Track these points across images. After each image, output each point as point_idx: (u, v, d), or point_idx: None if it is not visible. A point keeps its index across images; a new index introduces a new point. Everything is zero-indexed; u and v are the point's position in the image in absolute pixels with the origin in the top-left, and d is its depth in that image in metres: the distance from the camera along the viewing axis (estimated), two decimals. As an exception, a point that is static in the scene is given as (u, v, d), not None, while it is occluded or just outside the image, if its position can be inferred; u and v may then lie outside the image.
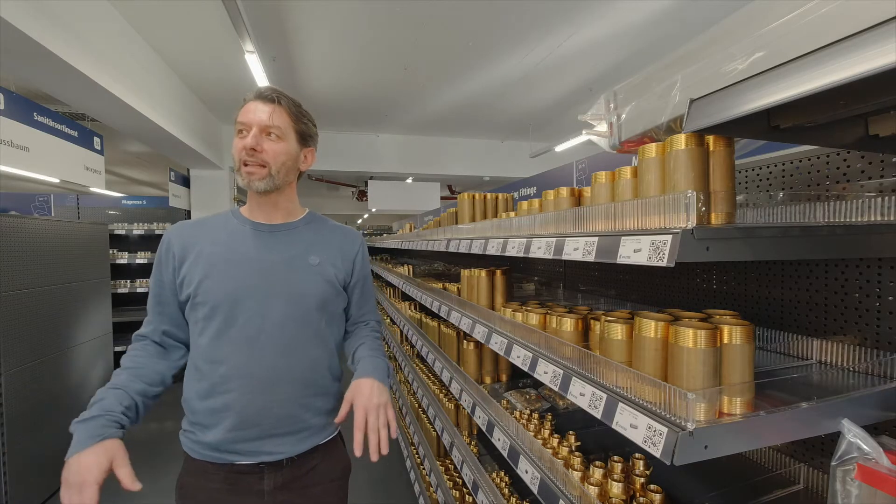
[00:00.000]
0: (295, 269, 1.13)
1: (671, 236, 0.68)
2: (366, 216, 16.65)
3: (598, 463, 1.14)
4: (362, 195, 10.24)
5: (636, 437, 0.75)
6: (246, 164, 1.07)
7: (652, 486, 1.06)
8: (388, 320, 4.23)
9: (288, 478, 1.11)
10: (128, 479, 0.88)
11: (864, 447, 0.71)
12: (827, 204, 0.90)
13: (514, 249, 1.23)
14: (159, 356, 1.12)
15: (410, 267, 3.40)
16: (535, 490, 1.16)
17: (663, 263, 0.68)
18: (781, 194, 1.02)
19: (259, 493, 1.08)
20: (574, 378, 0.99)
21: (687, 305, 1.37)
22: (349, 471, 1.26)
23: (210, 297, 1.07)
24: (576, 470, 1.14)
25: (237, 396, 1.06)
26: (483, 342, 1.53)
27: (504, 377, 1.95)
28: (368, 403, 1.02)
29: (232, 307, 1.07)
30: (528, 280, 2.47)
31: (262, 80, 3.96)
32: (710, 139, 0.83)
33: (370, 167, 7.57)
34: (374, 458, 0.97)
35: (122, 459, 0.90)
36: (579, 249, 0.92)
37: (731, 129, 0.78)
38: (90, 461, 0.86)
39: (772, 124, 0.77)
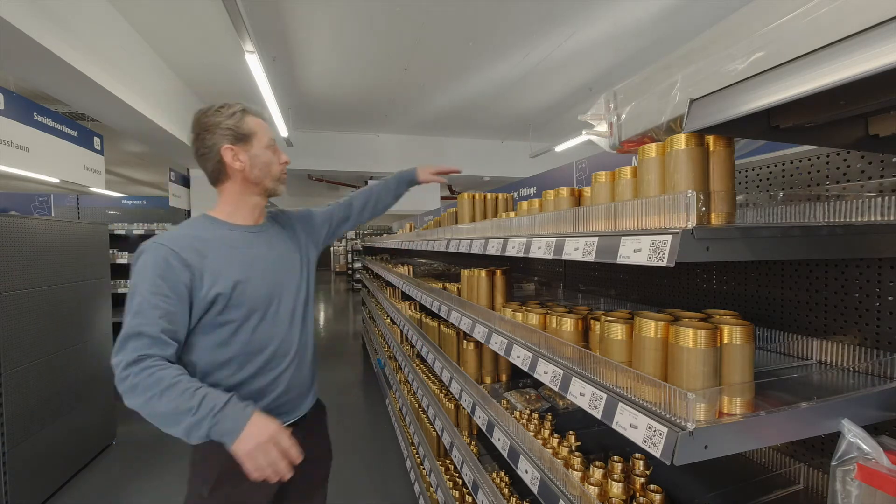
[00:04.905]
0: (293, 258, 1.34)
1: (671, 236, 0.68)
2: (366, 216, 16.62)
3: (598, 463, 1.14)
4: (362, 195, 10.21)
5: (636, 437, 0.75)
6: (284, 173, 1.32)
7: (652, 486, 1.06)
8: (389, 320, 4.23)
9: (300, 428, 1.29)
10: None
11: (864, 447, 0.71)
12: (827, 204, 0.90)
13: (514, 249, 1.23)
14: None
15: (410, 267, 3.39)
16: (535, 490, 1.16)
17: (663, 263, 0.68)
18: (781, 194, 1.02)
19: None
20: (574, 378, 0.99)
21: (687, 305, 1.37)
22: (325, 409, 1.50)
23: (247, 299, 1.17)
24: (576, 470, 1.14)
25: (281, 371, 1.23)
26: (483, 342, 1.53)
27: (504, 377, 1.95)
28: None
29: (267, 303, 1.22)
30: (528, 280, 2.47)
31: (262, 80, 3.96)
32: (710, 139, 0.83)
33: (370, 167, 7.57)
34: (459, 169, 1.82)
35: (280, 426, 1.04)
36: (579, 249, 0.92)
37: (731, 129, 0.78)
38: (274, 426, 0.99)
39: (772, 124, 0.77)
